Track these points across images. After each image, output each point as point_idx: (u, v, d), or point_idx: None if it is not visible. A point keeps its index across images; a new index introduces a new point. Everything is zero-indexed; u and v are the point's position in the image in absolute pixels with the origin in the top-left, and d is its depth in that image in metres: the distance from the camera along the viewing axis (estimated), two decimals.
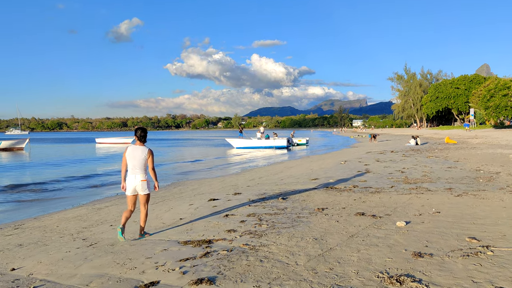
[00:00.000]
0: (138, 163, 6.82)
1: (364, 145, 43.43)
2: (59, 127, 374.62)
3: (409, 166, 17.63)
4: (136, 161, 6.82)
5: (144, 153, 6.86)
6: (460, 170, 15.71)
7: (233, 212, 8.66)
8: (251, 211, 8.62)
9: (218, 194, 12.19)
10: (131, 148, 6.92)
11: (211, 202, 10.46)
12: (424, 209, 8.56)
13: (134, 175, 6.83)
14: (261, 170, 20.93)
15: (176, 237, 6.87)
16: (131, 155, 6.86)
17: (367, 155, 25.37)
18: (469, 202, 9.25)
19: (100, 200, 13.37)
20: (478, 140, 37.32)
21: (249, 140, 51.12)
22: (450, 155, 22.84)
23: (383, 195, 10.50)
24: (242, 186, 14.19)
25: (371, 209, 8.69)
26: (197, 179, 18.68)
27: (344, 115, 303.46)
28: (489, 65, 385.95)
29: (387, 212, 8.28)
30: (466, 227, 6.90)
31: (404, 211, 8.43)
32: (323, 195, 10.70)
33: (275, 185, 13.64)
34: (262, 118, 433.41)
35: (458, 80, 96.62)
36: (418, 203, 9.33)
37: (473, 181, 12.63)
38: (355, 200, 9.76)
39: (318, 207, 8.87)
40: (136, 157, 6.84)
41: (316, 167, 19.72)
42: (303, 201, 9.79)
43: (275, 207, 9.08)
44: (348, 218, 7.77)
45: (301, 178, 15.43)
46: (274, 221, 7.58)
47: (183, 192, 13.90)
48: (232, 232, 6.84)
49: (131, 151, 6.89)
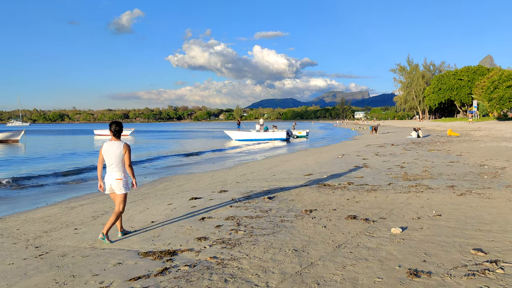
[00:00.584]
0: (114, 160, 6.39)
1: (365, 138, 42.50)
2: (60, 118, 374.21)
3: (409, 160, 16.75)
4: (112, 158, 6.39)
5: (119, 149, 6.38)
6: (463, 165, 14.83)
7: (212, 214, 7.80)
8: (231, 213, 7.77)
9: (203, 192, 11.35)
10: (106, 145, 6.47)
11: (192, 201, 9.61)
12: (423, 211, 7.70)
13: (110, 173, 6.43)
14: (255, 164, 20.07)
15: (138, 245, 6.02)
16: (107, 151, 6.43)
17: (366, 148, 24.48)
18: (473, 202, 8.39)
19: (77, 197, 12.52)
20: (481, 132, 36.36)
21: (248, 133, 50.31)
22: (452, 148, 21.94)
23: (379, 193, 9.64)
24: (231, 182, 13.34)
25: (365, 211, 7.83)
26: (187, 174, 17.83)
27: (346, 107, 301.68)
28: (492, 56, 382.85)
29: (382, 215, 7.42)
30: (470, 234, 6.03)
31: (401, 213, 7.57)
32: (314, 193, 9.84)
33: (265, 182, 12.79)
34: (264, 110, 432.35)
35: (461, 72, 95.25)
36: (417, 203, 8.47)
37: (477, 178, 11.76)
38: (348, 200, 8.90)
39: (306, 209, 8.02)
40: (111, 153, 6.40)
41: (312, 161, 18.85)
42: (291, 201, 8.93)
43: (258, 208, 8.23)
44: (338, 223, 6.91)
45: (294, 173, 14.57)
46: (254, 226, 6.73)
47: (168, 188, 13.06)
48: (203, 241, 5.99)
49: (106, 147, 6.44)
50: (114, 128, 6.47)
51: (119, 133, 6.54)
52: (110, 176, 6.43)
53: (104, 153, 6.43)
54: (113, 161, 6.38)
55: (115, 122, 6.57)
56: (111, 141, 6.50)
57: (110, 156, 6.40)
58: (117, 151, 6.36)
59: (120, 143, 6.44)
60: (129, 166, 6.44)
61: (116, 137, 6.51)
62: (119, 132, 6.53)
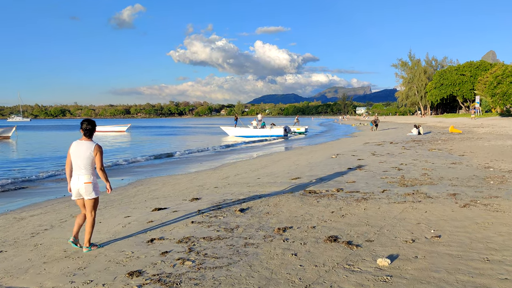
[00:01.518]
0: (82, 162, 5.81)
1: (364, 135, 41.14)
2: (62, 114, 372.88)
3: (408, 161, 15.43)
4: (80, 160, 5.81)
5: (89, 150, 5.82)
6: (466, 167, 13.52)
7: (165, 234, 6.51)
8: (189, 233, 6.47)
9: (173, 200, 10.08)
10: (75, 144, 5.92)
11: (153, 213, 8.34)
12: (419, 230, 6.40)
13: (77, 176, 5.85)
14: (243, 164, 18.75)
15: (51, 283, 4.73)
16: (75, 152, 5.86)
17: (364, 147, 23.15)
18: (479, 217, 7.09)
19: (35, 204, 11.25)
20: (485, 129, 34.96)
21: (245, 129, 49.09)
22: (454, 147, 20.60)
23: (370, 204, 8.34)
24: (209, 187, 12.06)
25: (350, 229, 6.53)
26: (167, 175, 16.53)
27: (347, 103, 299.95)
28: (495, 51, 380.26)
29: (369, 236, 6.12)
30: (477, 268, 4.74)
31: (393, 233, 6.27)
32: (296, 203, 8.54)
33: (246, 187, 11.50)
34: (266, 105, 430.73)
35: (464, 67, 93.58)
36: (413, 218, 7.17)
37: (482, 183, 10.47)
38: (332, 213, 7.60)
39: (280, 226, 6.72)
40: (80, 154, 5.82)
41: (303, 161, 17.54)
42: (265, 215, 7.63)
43: (224, 225, 6.93)
44: (313, 248, 5.62)
45: (281, 176, 13.28)
46: (208, 254, 5.43)
47: (138, 194, 11.78)
48: (135, 277, 4.70)
49: (75, 147, 5.88)
50: (85, 126, 5.92)
51: (91, 132, 5.98)
52: (78, 180, 5.83)
53: (72, 153, 5.86)
54: (81, 163, 5.81)
55: (86, 120, 6.03)
56: (80, 141, 5.91)
57: (78, 157, 5.81)
58: (86, 152, 5.80)
59: (90, 144, 5.87)
60: (100, 169, 5.89)
61: (87, 137, 5.95)
62: (90, 131, 5.97)
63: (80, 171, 5.83)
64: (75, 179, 5.86)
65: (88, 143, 5.90)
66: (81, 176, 5.83)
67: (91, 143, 5.91)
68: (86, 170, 5.83)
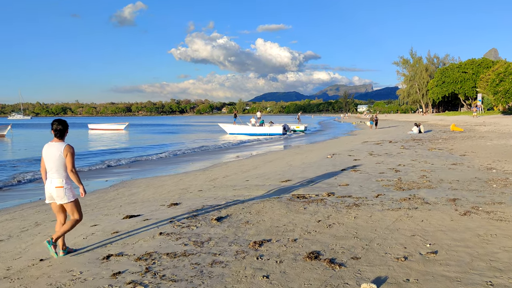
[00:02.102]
0: (54, 164, 5.50)
1: (364, 133, 40.37)
2: (63, 112, 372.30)
3: (407, 162, 14.67)
4: (52, 162, 5.50)
5: (59, 151, 5.49)
6: (468, 168, 12.77)
7: (126, 248, 5.76)
8: (152, 247, 5.73)
9: (150, 205, 9.35)
10: (46, 147, 5.61)
11: (124, 221, 7.61)
12: (414, 244, 5.66)
13: (50, 180, 5.55)
14: (234, 165, 18.00)
15: None
16: (46, 154, 5.56)
17: (362, 146, 22.38)
18: (481, 227, 6.36)
19: (4, 210, 10.53)
20: (487, 127, 34.13)
21: (243, 126, 48.48)
22: (455, 146, 19.82)
23: (362, 211, 7.59)
24: (193, 190, 11.32)
25: (335, 242, 5.78)
26: (153, 176, 15.79)
27: (349, 101, 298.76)
28: (497, 49, 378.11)
29: (355, 252, 5.38)
30: None
31: (383, 248, 5.52)
32: (280, 210, 7.79)
33: (232, 190, 10.77)
34: (267, 103, 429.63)
35: (466, 64, 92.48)
36: (408, 228, 6.43)
37: (484, 186, 9.72)
38: (318, 223, 6.85)
39: (258, 239, 5.98)
40: (51, 156, 5.51)
41: (297, 161, 16.79)
42: (244, 224, 6.89)
43: (195, 236, 6.19)
44: (290, 268, 4.87)
45: (271, 178, 12.54)
46: (166, 276, 4.69)
47: (116, 198, 11.05)
48: None
49: (46, 149, 5.58)
50: (55, 127, 5.59)
51: (62, 133, 5.63)
52: (50, 184, 5.53)
53: (44, 156, 5.57)
54: (52, 166, 5.50)
55: (57, 120, 5.67)
56: (52, 142, 5.60)
57: (49, 159, 5.51)
58: (56, 154, 5.48)
59: (60, 145, 5.54)
60: (71, 171, 5.50)
61: (58, 138, 5.62)
62: (61, 132, 5.62)
63: (52, 174, 5.53)
64: (48, 183, 5.56)
65: (59, 144, 5.57)
66: (54, 180, 5.52)
67: (61, 144, 5.57)
68: (58, 173, 5.51)
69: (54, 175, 5.52)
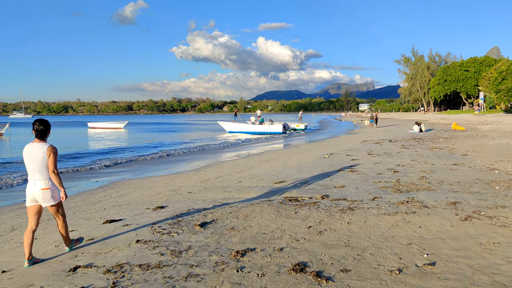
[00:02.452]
0: (36, 166, 5.32)
1: (364, 132, 39.89)
2: (65, 110, 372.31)
3: (406, 162, 14.20)
4: (34, 163, 5.33)
5: (42, 152, 5.32)
6: (469, 168, 12.30)
7: (97, 259, 5.30)
8: (126, 257, 5.28)
9: (135, 208, 8.90)
10: (27, 148, 5.42)
11: (103, 226, 7.17)
12: (410, 254, 5.20)
13: (33, 182, 5.37)
14: (228, 165, 17.54)
15: None
16: (27, 155, 5.38)
17: (361, 145, 21.91)
18: (483, 235, 5.90)
19: None
20: (489, 126, 33.61)
21: (243, 125, 48.06)
22: (457, 146, 19.33)
23: (356, 216, 7.14)
24: (183, 192, 10.89)
25: (324, 252, 5.33)
26: (145, 177, 15.34)
27: (350, 99, 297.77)
28: (499, 47, 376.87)
29: (345, 264, 4.92)
30: None
31: (376, 259, 5.06)
32: (270, 215, 7.34)
33: (222, 192, 10.33)
34: (268, 101, 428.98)
35: (468, 63, 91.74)
36: (404, 236, 5.97)
37: (487, 188, 9.26)
38: (309, 229, 6.39)
39: (241, 248, 5.52)
40: (33, 158, 5.33)
41: (294, 161, 16.32)
42: (229, 230, 6.43)
43: (174, 245, 5.73)
44: (271, 283, 4.42)
45: (265, 179, 12.08)
46: None
47: (102, 200, 10.61)
48: None
49: (27, 150, 5.40)
50: (36, 127, 5.41)
51: (43, 133, 5.44)
52: (34, 186, 5.34)
53: (25, 157, 5.39)
54: (35, 167, 5.32)
55: (38, 120, 5.49)
56: (33, 143, 5.42)
57: (31, 160, 5.33)
58: (39, 155, 5.30)
59: (43, 145, 5.36)
60: (53, 172, 5.32)
61: (40, 138, 5.43)
62: (42, 132, 5.43)
63: (35, 176, 5.35)
64: (31, 185, 5.37)
65: (41, 144, 5.39)
66: (38, 181, 5.34)
67: (44, 144, 5.40)
68: (41, 174, 5.34)
69: (38, 176, 5.34)
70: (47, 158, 5.32)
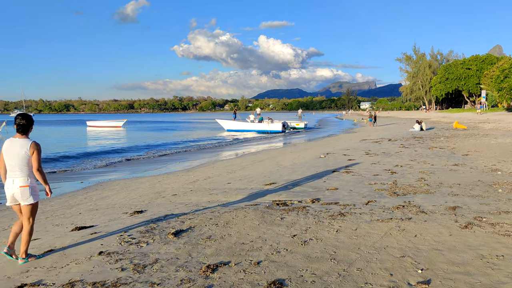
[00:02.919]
0: (17, 163, 5.12)
1: (363, 131, 39.26)
2: (66, 109, 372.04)
3: (404, 162, 13.60)
4: (14, 160, 5.12)
5: (24, 149, 5.12)
6: (470, 169, 11.69)
7: (48, 275, 4.72)
8: (82, 272, 4.69)
9: (112, 213, 8.32)
10: (8, 143, 5.20)
11: (69, 234, 6.59)
12: (402, 270, 4.60)
13: (12, 179, 5.15)
14: (220, 165, 16.95)
15: None
16: (7, 151, 5.15)
17: (359, 144, 21.30)
18: (485, 245, 5.32)
19: None
20: (491, 125, 32.96)
21: (242, 123, 47.51)
22: (458, 145, 18.71)
23: (346, 223, 6.54)
24: (167, 194, 10.30)
25: (306, 267, 4.73)
26: (132, 178, 14.75)
27: (352, 98, 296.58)
28: (501, 46, 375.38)
29: (328, 282, 4.33)
30: None
31: (364, 276, 4.46)
32: (253, 221, 6.75)
33: (208, 194, 9.74)
34: (270, 100, 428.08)
35: (470, 61, 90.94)
36: (397, 246, 5.38)
37: (489, 191, 8.66)
38: (293, 238, 5.80)
39: (212, 263, 4.92)
40: (14, 154, 5.12)
41: (288, 161, 15.72)
42: (205, 240, 5.83)
43: (140, 257, 5.14)
44: None
45: (255, 180, 11.49)
46: None
47: (81, 203, 10.03)
48: None
49: (7, 146, 5.17)
50: (18, 121, 5.19)
51: (25, 128, 5.24)
52: (12, 184, 5.14)
53: (5, 153, 5.16)
54: (15, 164, 5.11)
55: (21, 114, 5.30)
56: (14, 138, 5.20)
57: (12, 157, 5.12)
58: (21, 152, 5.10)
59: (26, 141, 5.17)
60: (37, 170, 5.18)
61: (22, 133, 5.22)
62: (24, 127, 5.23)
63: (15, 173, 5.13)
64: (9, 183, 5.16)
65: (23, 140, 5.19)
66: (16, 179, 5.12)
67: (26, 140, 5.20)
68: (21, 171, 5.13)
69: (17, 173, 5.13)
70: (30, 155, 5.13)
